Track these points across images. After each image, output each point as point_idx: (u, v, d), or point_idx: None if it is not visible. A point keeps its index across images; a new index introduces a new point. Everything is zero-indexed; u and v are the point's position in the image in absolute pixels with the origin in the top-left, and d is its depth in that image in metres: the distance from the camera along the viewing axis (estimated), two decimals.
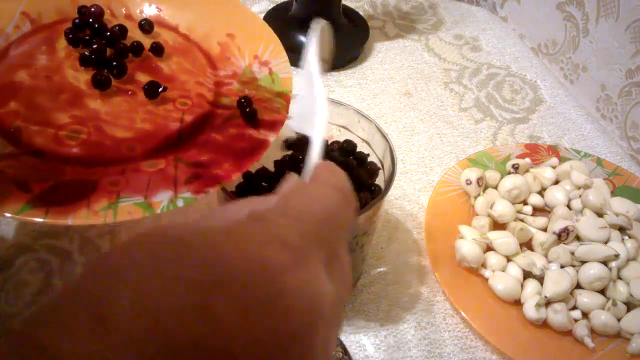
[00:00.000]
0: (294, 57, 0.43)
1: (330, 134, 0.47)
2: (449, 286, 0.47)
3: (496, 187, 0.54)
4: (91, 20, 0.46)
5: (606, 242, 0.48)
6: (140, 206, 0.34)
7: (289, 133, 0.44)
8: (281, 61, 0.46)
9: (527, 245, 0.50)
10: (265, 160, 0.44)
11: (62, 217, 0.32)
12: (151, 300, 0.16)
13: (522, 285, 0.47)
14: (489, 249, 0.49)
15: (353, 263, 0.44)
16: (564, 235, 0.48)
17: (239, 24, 0.48)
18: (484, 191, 0.54)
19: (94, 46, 0.44)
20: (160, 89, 0.42)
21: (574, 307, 0.46)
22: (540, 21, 0.75)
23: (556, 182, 0.55)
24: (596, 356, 0.44)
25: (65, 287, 0.17)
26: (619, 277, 0.47)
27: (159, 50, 0.46)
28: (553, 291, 0.45)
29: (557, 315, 0.44)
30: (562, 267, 0.47)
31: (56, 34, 0.46)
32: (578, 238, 0.49)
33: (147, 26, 0.47)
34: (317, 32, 0.31)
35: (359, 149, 0.46)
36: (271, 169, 0.45)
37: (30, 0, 0.46)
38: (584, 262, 0.47)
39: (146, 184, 0.36)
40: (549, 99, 0.69)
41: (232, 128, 0.41)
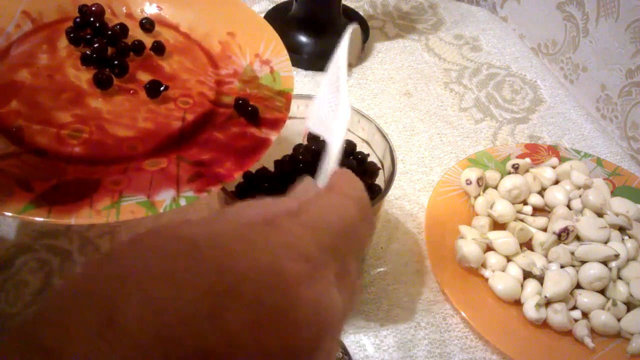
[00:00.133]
0: (294, 57, 0.43)
1: None
2: (449, 286, 0.47)
3: (496, 187, 0.54)
4: (92, 19, 0.46)
5: (606, 242, 0.48)
6: (143, 205, 0.34)
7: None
8: (282, 60, 0.46)
9: (527, 245, 0.50)
10: (265, 160, 0.44)
11: (65, 217, 0.32)
12: (161, 306, 0.16)
13: (522, 285, 0.47)
14: (489, 249, 0.49)
15: None
16: (564, 235, 0.48)
17: (240, 22, 0.48)
18: (484, 191, 0.54)
19: (95, 45, 0.44)
20: (162, 88, 0.42)
21: (574, 307, 0.46)
22: (540, 21, 0.75)
23: (556, 182, 0.55)
24: (596, 356, 0.44)
25: (69, 287, 0.17)
26: (619, 277, 0.47)
27: (160, 49, 0.46)
28: (553, 291, 0.45)
29: (557, 315, 0.44)
30: (562, 267, 0.47)
31: (57, 33, 0.46)
32: (578, 238, 0.49)
33: (148, 25, 0.47)
34: (350, 35, 0.29)
35: (359, 149, 0.46)
36: (271, 168, 0.45)
37: None
38: (584, 262, 0.47)
39: (148, 182, 0.36)
40: (549, 99, 0.70)
41: (233, 127, 0.41)
